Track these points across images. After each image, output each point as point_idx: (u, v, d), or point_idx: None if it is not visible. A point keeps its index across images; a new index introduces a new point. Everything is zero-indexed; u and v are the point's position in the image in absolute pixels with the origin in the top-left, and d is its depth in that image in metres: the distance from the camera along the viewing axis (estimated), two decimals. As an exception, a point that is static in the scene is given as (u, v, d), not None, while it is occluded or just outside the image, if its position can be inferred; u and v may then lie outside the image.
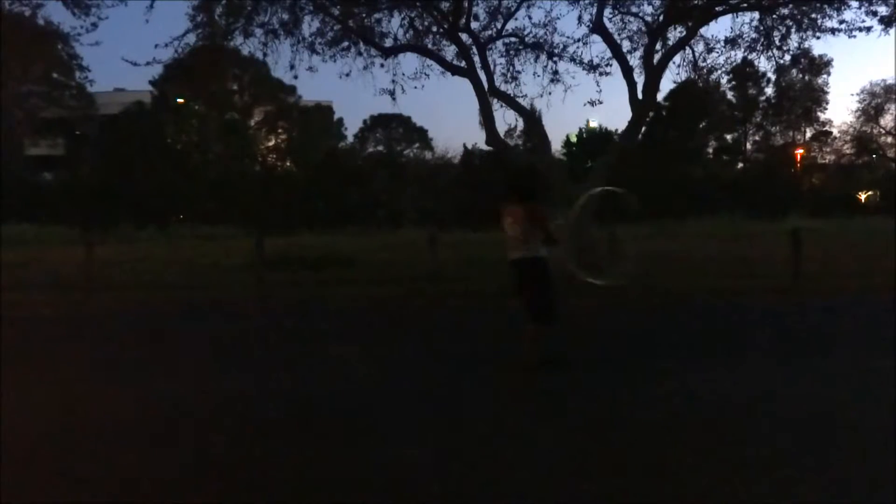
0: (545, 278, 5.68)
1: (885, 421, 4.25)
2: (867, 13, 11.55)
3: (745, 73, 38.83)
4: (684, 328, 8.11)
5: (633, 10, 12.57)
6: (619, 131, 22.91)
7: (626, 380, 5.47)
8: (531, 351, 5.64)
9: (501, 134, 13.51)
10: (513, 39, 12.96)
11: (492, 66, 12.72)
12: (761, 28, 12.64)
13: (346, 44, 12.57)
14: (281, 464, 3.72)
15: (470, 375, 5.65)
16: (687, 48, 12.92)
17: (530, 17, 15.66)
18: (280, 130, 46.58)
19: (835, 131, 45.86)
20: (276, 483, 3.46)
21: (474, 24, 12.43)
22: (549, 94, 16.42)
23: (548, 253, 5.71)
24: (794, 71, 42.98)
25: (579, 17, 12.42)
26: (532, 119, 13.64)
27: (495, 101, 12.79)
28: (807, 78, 45.71)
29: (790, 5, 12.06)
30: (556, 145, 41.78)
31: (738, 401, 4.78)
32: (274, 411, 4.79)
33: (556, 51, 12.95)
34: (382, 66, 13.03)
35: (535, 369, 5.58)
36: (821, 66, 44.99)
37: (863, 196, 45.58)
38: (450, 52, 12.87)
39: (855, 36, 11.79)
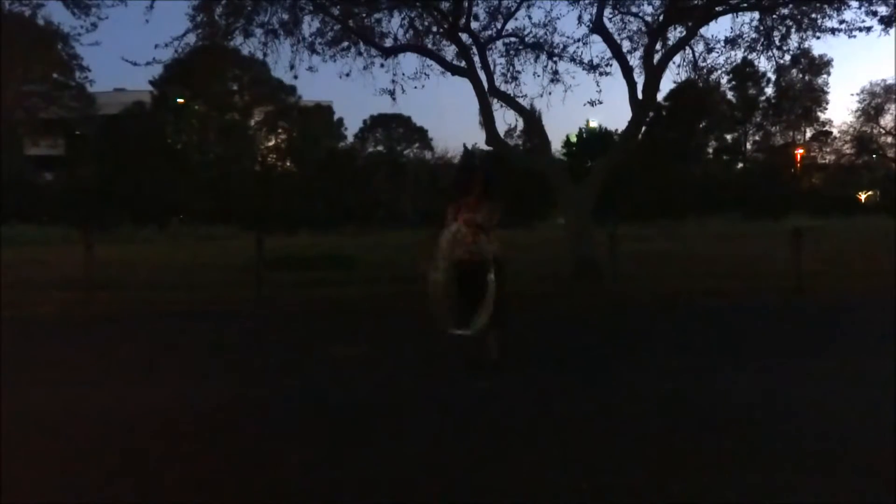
0: (503, 279, 5.57)
1: (886, 422, 4.25)
2: (867, 13, 11.55)
3: (745, 73, 38.85)
4: (684, 329, 8.11)
5: (633, 10, 12.57)
6: (619, 131, 22.93)
7: (626, 380, 5.47)
8: (497, 351, 5.65)
9: (501, 134, 13.50)
10: (513, 39, 12.96)
11: (492, 66, 12.72)
12: (761, 28, 12.64)
13: (346, 44, 12.57)
14: (281, 464, 3.71)
15: (471, 375, 5.64)
16: (687, 48, 12.92)
17: (530, 17, 15.59)
18: (280, 130, 46.56)
19: (835, 131, 45.95)
20: (276, 484, 3.46)
21: (474, 24, 12.43)
22: (549, 94, 16.39)
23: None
24: (794, 71, 43.05)
25: (579, 17, 12.42)
26: (532, 119, 13.64)
27: (495, 101, 12.79)
28: (807, 78, 45.75)
29: (790, 5, 12.05)
30: (556, 145, 41.81)
31: (738, 401, 4.77)
32: (274, 412, 4.79)
33: (556, 51, 12.95)
34: (382, 66, 13.03)
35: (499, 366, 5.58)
36: (821, 66, 45.07)
37: (863, 196, 45.65)
38: (450, 52, 12.87)
39: (855, 36, 11.80)
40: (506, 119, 38.48)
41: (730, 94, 45.31)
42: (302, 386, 5.44)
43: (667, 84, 33.92)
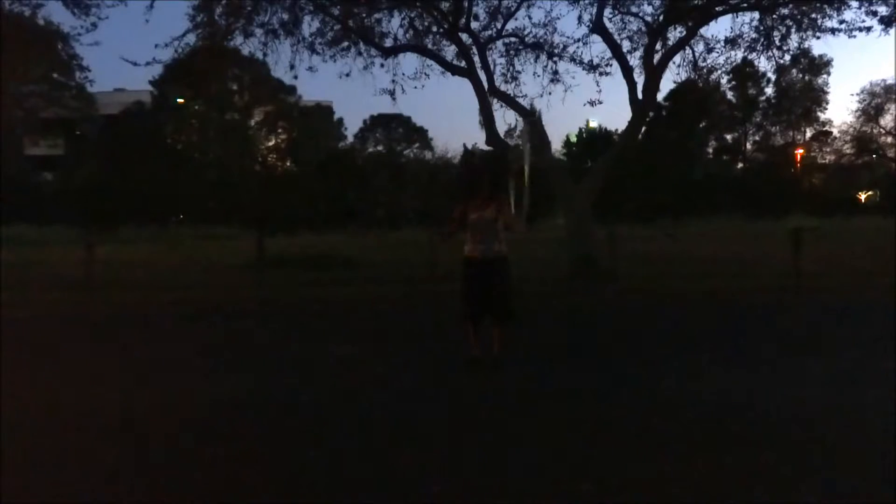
0: (510, 277, 5.74)
1: (885, 422, 4.25)
2: (867, 13, 11.58)
3: (745, 73, 38.83)
4: (683, 328, 8.11)
5: (633, 10, 12.59)
6: (619, 131, 22.93)
7: (626, 380, 5.47)
8: (499, 348, 5.77)
9: (501, 134, 13.51)
10: (513, 39, 12.98)
11: (492, 66, 12.74)
12: (761, 28, 12.66)
13: (346, 44, 12.59)
14: (280, 464, 3.72)
15: (471, 374, 5.64)
16: (687, 48, 12.94)
17: (530, 17, 15.76)
18: (280, 130, 46.57)
19: (835, 131, 45.92)
20: (275, 484, 3.46)
21: (474, 24, 12.46)
22: (549, 94, 16.45)
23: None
24: (794, 71, 43.07)
25: (579, 17, 12.45)
26: (532, 119, 13.64)
27: (495, 101, 12.80)
28: (807, 78, 45.76)
29: (790, 5, 12.07)
30: (556, 145, 41.83)
31: (737, 401, 4.78)
32: (274, 412, 4.79)
33: (556, 51, 12.98)
34: (382, 66, 13.06)
35: (502, 365, 5.68)
36: (821, 66, 45.09)
37: (863, 196, 45.62)
38: (450, 52, 12.90)
39: (855, 36, 11.83)
40: (506, 119, 38.48)
41: (730, 94, 45.34)
42: (302, 385, 5.44)
43: (667, 84, 33.98)
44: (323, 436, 4.20)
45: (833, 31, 11.96)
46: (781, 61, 13.73)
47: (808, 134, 47.94)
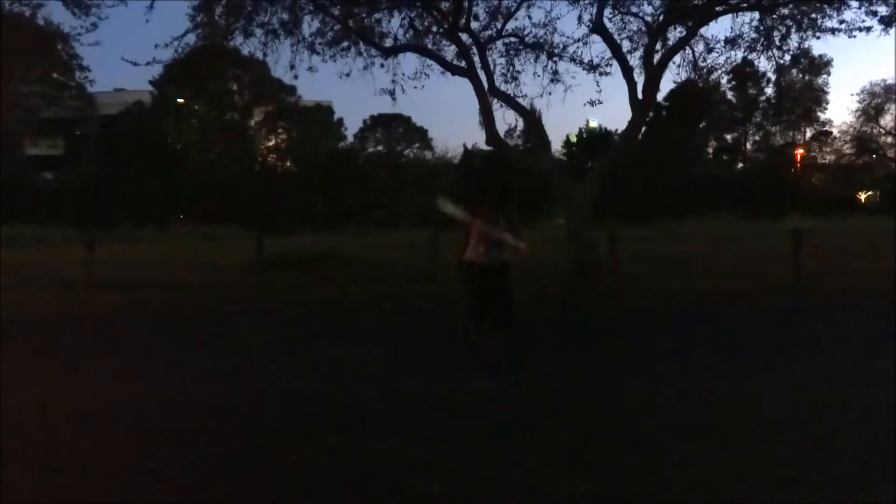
0: (511, 283, 5.88)
1: (885, 422, 4.25)
2: (867, 13, 11.55)
3: (745, 73, 38.80)
4: (683, 329, 8.11)
5: (633, 10, 12.55)
6: (619, 131, 22.95)
7: (626, 380, 5.47)
8: (498, 349, 5.91)
9: (501, 134, 13.50)
10: (513, 39, 12.95)
11: (492, 66, 12.71)
12: (761, 28, 12.63)
13: (346, 44, 12.56)
14: (280, 464, 3.71)
15: (471, 374, 5.64)
16: (687, 48, 12.91)
17: (530, 17, 15.60)
18: (280, 130, 46.55)
19: (835, 131, 45.88)
20: (275, 484, 3.46)
21: (474, 24, 12.43)
22: (549, 94, 16.41)
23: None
24: (794, 71, 43.04)
25: (579, 17, 12.40)
26: (532, 119, 13.64)
27: (495, 101, 12.79)
28: (807, 78, 45.74)
29: (790, 5, 12.05)
30: (556, 145, 41.85)
31: (737, 401, 4.78)
32: (274, 412, 4.79)
33: (556, 51, 12.94)
34: (382, 66, 13.02)
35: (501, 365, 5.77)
36: (821, 66, 45.05)
37: (863, 196, 45.61)
38: (450, 52, 12.86)
39: (855, 36, 11.79)
40: (506, 119, 38.49)
41: (730, 94, 45.33)
42: (301, 385, 5.44)
43: (667, 84, 33.95)
44: (322, 436, 4.20)
45: (833, 31, 11.93)
46: (781, 61, 13.68)
47: (808, 134, 47.91)
